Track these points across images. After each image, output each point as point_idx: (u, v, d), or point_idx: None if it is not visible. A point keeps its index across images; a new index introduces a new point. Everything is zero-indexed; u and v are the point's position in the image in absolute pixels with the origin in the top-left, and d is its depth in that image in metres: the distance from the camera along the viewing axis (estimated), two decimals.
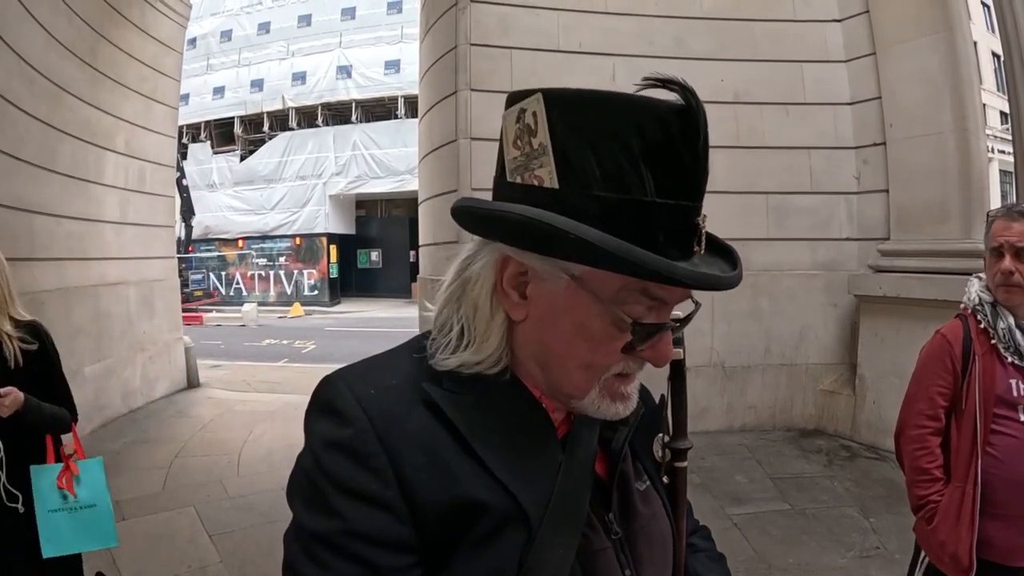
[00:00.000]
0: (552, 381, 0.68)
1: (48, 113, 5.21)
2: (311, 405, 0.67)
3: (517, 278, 0.66)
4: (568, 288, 0.63)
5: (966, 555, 1.68)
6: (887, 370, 4.71)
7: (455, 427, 0.64)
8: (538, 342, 0.67)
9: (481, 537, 0.61)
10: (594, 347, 0.64)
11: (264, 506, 4.11)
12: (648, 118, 0.58)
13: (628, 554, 0.72)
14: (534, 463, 0.67)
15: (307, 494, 0.63)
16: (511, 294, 0.66)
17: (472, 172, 5.07)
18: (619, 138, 0.58)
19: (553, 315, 0.65)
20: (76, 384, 5.48)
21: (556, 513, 0.65)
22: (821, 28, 5.51)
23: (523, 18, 5.23)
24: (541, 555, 0.62)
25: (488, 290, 0.67)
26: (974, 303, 1.83)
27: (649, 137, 0.58)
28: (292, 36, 22.52)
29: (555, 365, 0.67)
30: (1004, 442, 1.70)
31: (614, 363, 0.66)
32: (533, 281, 0.65)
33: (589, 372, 0.66)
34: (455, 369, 0.66)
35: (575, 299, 0.63)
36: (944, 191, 4.81)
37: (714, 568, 0.89)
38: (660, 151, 0.58)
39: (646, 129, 0.58)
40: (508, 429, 0.66)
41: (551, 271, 0.63)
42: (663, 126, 0.58)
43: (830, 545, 3.43)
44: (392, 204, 23.87)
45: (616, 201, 0.58)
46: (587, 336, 0.64)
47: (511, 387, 0.69)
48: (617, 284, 0.61)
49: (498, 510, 0.62)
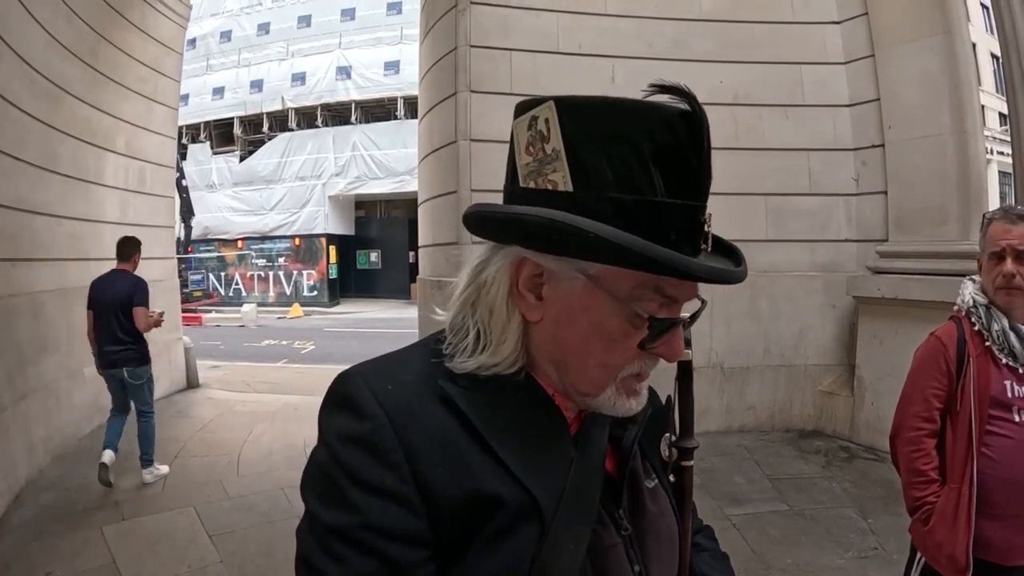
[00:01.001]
0: (569, 380, 0.69)
1: (49, 114, 5.22)
2: (327, 400, 0.68)
3: (533, 280, 0.67)
4: (584, 288, 0.65)
5: (963, 555, 1.69)
6: (886, 371, 4.72)
7: (471, 423, 0.65)
8: (554, 342, 0.68)
9: (496, 532, 0.62)
10: (610, 345, 0.66)
11: (264, 506, 4.12)
12: (657, 122, 0.60)
13: (637, 550, 0.73)
14: (547, 459, 0.68)
15: (322, 488, 0.63)
16: (527, 296, 0.68)
17: (472, 173, 5.07)
18: (630, 142, 0.60)
19: (569, 315, 0.66)
20: (76, 384, 5.55)
21: (568, 508, 0.66)
22: (820, 30, 5.52)
23: (523, 20, 5.24)
24: (554, 550, 0.63)
25: (504, 293, 0.68)
26: (968, 305, 1.84)
27: (659, 140, 0.60)
28: (292, 37, 22.53)
29: (572, 364, 0.68)
30: (999, 443, 1.71)
31: (629, 360, 0.67)
32: (549, 282, 0.67)
33: (606, 370, 0.67)
34: (473, 372, 0.68)
35: (591, 298, 0.65)
36: (943, 193, 4.82)
37: (718, 567, 0.90)
38: (668, 154, 0.60)
39: (655, 132, 0.60)
40: (522, 426, 0.68)
41: (567, 272, 0.65)
42: (671, 130, 0.60)
43: (828, 546, 3.44)
44: (391, 205, 23.86)
45: (630, 202, 0.61)
46: (604, 334, 0.66)
47: (526, 386, 0.70)
48: (632, 282, 0.64)
49: (513, 504, 0.63)
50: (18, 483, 4.35)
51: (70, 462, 4.95)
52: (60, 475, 4.69)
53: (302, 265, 22.34)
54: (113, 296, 4.50)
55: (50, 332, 5.17)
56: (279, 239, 22.37)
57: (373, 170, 20.83)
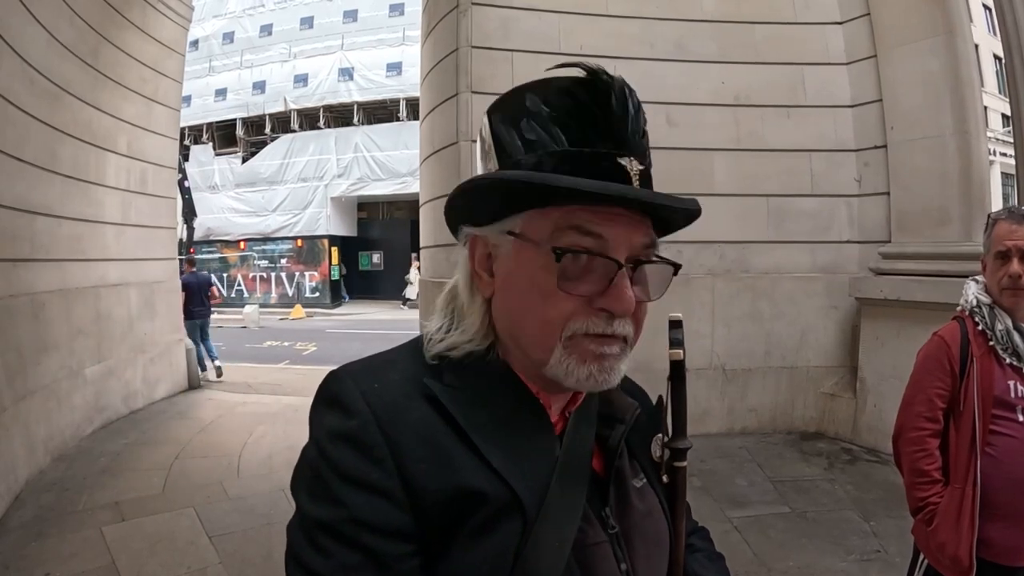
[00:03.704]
0: (523, 350, 0.70)
1: (49, 114, 5.22)
2: (317, 398, 0.69)
3: (486, 260, 0.72)
4: (514, 247, 0.68)
5: (966, 556, 1.68)
6: (888, 373, 4.70)
7: (454, 420, 0.66)
8: (505, 312, 0.71)
9: (478, 526, 0.63)
10: (544, 296, 0.66)
11: (264, 508, 4.11)
12: (552, 91, 0.67)
13: (624, 548, 0.73)
14: (531, 455, 0.68)
15: (311, 484, 0.65)
16: (482, 275, 0.72)
17: (473, 174, 5.06)
18: (532, 114, 0.67)
19: (510, 280, 0.69)
20: (77, 385, 5.56)
21: (553, 505, 0.66)
22: (822, 31, 5.51)
23: (524, 21, 5.24)
24: (538, 546, 0.64)
25: (466, 276, 0.73)
26: (971, 305, 1.83)
27: (555, 104, 0.66)
28: (294, 38, 22.55)
29: (521, 330, 0.69)
30: (1003, 443, 1.70)
31: (569, 314, 0.65)
32: (496, 258, 0.71)
33: (547, 327, 0.66)
34: (446, 352, 0.71)
35: (521, 255, 0.68)
36: (945, 194, 4.81)
37: (713, 568, 0.90)
38: (569, 113, 0.66)
39: (551, 99, 0.67)
40: (506, 422, 0.69)
41: (500, 238, 0.70)
42: (567, 93, 0.66)
43: (830, 548, 3.42)
44: (394, 206, 23.86)
45: (536, 158, 0.66)
46: (536, 287, 0.66)
47: (508, 382, 0.71)
48: (549, 226, 0.65)
49: (495, 500, 0.64)
50: (18, 483, 4.34)
51: (70, 463, 4.94)
52: (60, 476, 4.68)
53: (304, 266, 22.36)
54: (198, 283, 8.84)
55: (50, 333, 5.17)
56: (281, 240, 22.38)
57: (375, 171, 20.84)
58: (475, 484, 0.63)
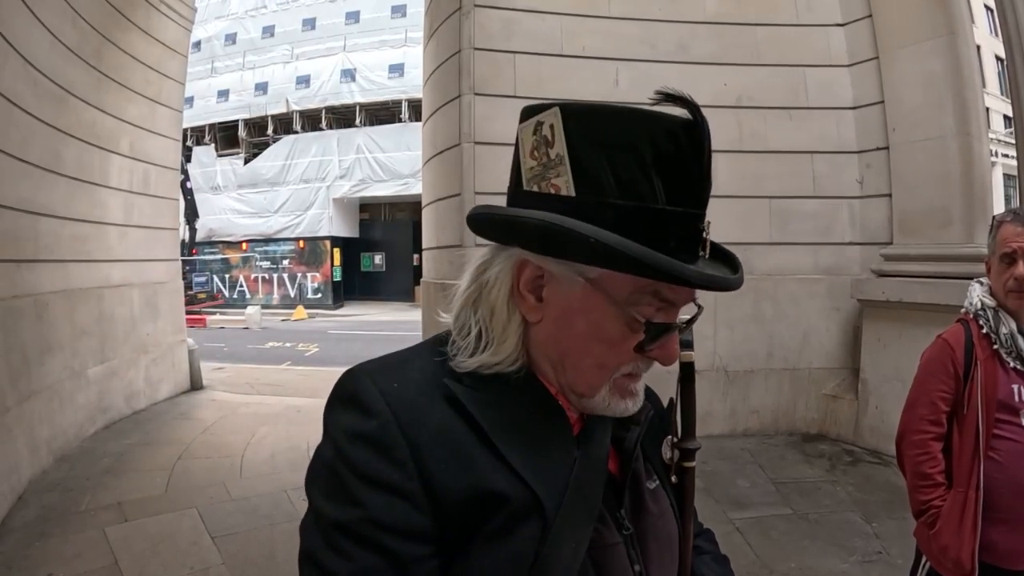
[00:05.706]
0: (566, 380, 0.70)
1: (53, 116, 5.23)
2: (333, 397, 0.69)
3: (534, 281, 0.69)
4: (584, 290, 0.66)
5: (969, 559, 1.68)
6: (890, 375, 4.69)
7: (475, 422, 0.66)
8: (553, 343, 0.70)
9: (499, 528, 0.63)
10: (608, 347, 0.67)
11: (267, 508, 4.12)
12: (660, 131, 0.61)
13: (638, 550, 0.73)
14: (550, 458, 0.69)
15: (328, 484, 0.64)
16: (528, 297, 0.69)
17: (475, 176, 5.08)
18: (632, 149, 0.62)
19: (569, 317, 0.68)
20: (80, 386, 5.58)
21: (570, 506, 0.67)
22: (824, 32, 5.50)
23: (527, 23, 5.24)
24: (555, 547, 0.64)
25: (505, 293, 0.70)
26: (976, 308, 1.82)
27: (661, 148, 0.61)
28: (296, 40, 22.61)
29: (570, 364, 0.69)
30: (1006, 446, 1.70)
31: (625, 362, 0.69)
32: (549, 284, 0.68)
33: (602, 371, 0.69)
34: (475, 370, 0.69)
35: (590, 301, 0.66)
36: (947, 195, 4.80)
37: (719, 570, 0.90)
38: (670, 162, 0.62)
39: (658, 141, 0.61)
40: (526, 425, 0.69)
41: (567, 274, 0.66)
42: (673, 139, 0.61)
43: (832, 550, 3.42)
44: (396, 208, 23.90)
45: (631, 208, 0.62)
46: (601, 336, 0.67)
47: (529, 385, 0.71)
48: (630, 287, 0.65)
49: (516, 502, 0.64)
50: (21, 484, 4.35)
51: (73, 463, 4.95)
52: (63, 476, 4.69)
53: (306, 267, 22.39)
54: None
55: (54, 333, 5.18)
56: (283, 241, 22.43)
57: (377, 173, 20.88)
58: (496, 486, 0.63)
